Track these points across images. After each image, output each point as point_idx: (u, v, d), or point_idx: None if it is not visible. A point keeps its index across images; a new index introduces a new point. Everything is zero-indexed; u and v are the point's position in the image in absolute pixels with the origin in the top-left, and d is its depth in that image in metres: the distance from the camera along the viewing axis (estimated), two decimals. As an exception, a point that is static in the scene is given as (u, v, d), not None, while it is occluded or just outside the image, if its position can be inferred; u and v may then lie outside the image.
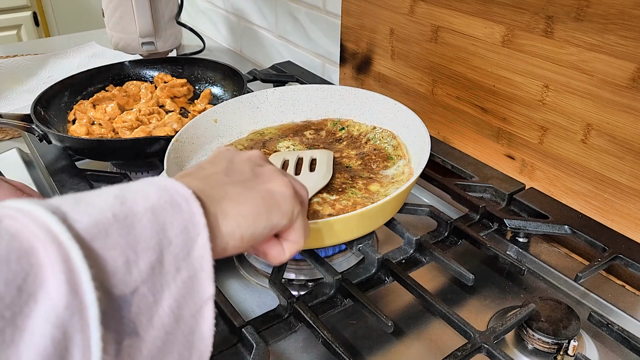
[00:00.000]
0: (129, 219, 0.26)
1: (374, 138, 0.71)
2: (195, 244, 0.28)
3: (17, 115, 0.84)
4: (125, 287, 0.25)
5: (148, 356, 0.26)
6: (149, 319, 0.26)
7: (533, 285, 0.62)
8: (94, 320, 0.23)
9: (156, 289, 0.26)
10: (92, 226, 0.25)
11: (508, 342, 0.54)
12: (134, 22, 1.19)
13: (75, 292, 0.23)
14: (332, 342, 0.48)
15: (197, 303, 0.28)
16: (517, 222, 0.65)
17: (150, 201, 0.28)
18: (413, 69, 0.87)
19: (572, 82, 0.65)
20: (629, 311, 0.58)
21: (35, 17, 2.53)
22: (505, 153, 0.77)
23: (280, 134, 0.75)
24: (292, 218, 0.37)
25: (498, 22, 0.71)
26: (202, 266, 0.29)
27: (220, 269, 0.65)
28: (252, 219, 0.34)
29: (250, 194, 0.35)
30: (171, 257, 0.27)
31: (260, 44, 1.30)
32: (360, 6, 0.93)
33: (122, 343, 0.24)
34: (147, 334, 0.26)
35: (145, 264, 0.26)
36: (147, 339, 0.26)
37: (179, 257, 0.28)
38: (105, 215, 0.25)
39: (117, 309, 0.24)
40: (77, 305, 0.22)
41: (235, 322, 0.51)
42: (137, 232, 0.26)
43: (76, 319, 0.22)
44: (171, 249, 0.27)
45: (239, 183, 0.35)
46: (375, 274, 0.58)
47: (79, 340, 0.22)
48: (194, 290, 0.28)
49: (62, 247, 0.23)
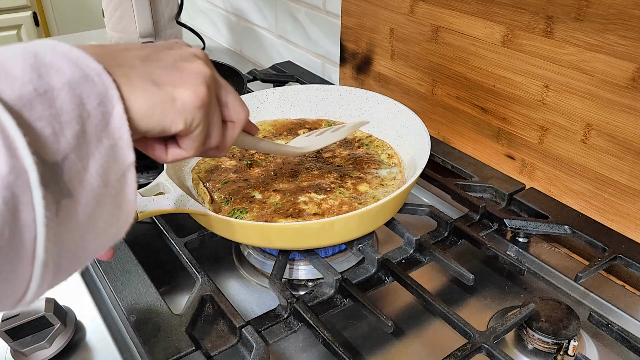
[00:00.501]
0: (48, 93, 0.28)
1: (369, 145, 0.72)
2: (111, 117, 0.31)
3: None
4: (57, 154, 0.27)
5: (82, 214, 0.29)
6: (80, 182, 0.29)
7: (533, 285, 0.62)
8: (34, 181, 0.25)
9: (82, 156, 0.29)
10: (17, 99, 0.26)
11: (508, 342, 0.54)
12: (134, 22, 1.19)
13: (16, 157, 0.25)
14: (332, 342, 0.48)
15: (120, 169, 0.31)
16: (517, 222, 0.65)
17: (66, 76, 0.29)
18: (413, 69, 0.87)
19: (572, 82, 0.65)
20: (629, 311, 0.58)
21: (35, 17, 2.53)
22: (505, 153, 0.77)
23: (274, 132, 0.75)
24: (189, 128, 0.37)
25: (498, 22, 0.71)
26: (121, 135, 0.31)
27: (220, 269, 0.65)
28: (143, 114, 0.34)
29: (150, 90, 0.34)
30: (92, 127, 0.29)
31: (260, 44, 1.30)
32: (360, 6, 0.93)
33: (59, 203, 0.27)
34: (81, 195, 0.29)
35: (71, 134, 0.28)
36: (81, 200, 0.29)
37: (99, 128, 0.30)
38: (28, 89, 0.27)
39: (52, 174, 0.27)
40: (19, 168, 0.25)
41: (235, 322, 0.51)
42: (58, 105, 0.28)
43: (20, 180, 0.25)
44: (91, 120, 0.29)
45: (146, 74, 0.35)
46: (375, 274, 0.58)
47: (25, 200, 0.25)
48: (116, 158, 0.31)
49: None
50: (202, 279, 0.56)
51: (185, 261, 0.59)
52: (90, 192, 0.29)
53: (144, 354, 0.48)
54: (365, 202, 0.60)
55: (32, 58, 0.29)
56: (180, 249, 0.60)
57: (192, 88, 0.36)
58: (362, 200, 0.60)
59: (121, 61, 0.34)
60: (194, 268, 0.58)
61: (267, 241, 0.55)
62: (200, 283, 0.55)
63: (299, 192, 0.61)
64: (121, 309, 0.52)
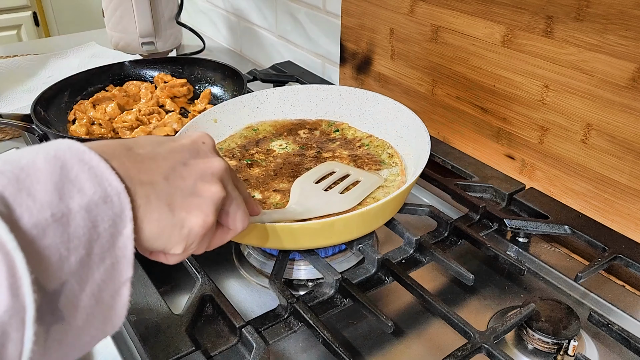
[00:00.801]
0: (64, 217, 0.28)
1: (369, 145, 0.72)
2: (120, 236, 0.30)
3: (17, 115, 0.84)
4: (57, 281, 0.27)
5: (71, 337, 0.29)
6: (74, 306, 0.28)
7: (533, 285, 0.62)
8: (30, 319, 0.25)
9: (82, 279, 0.28)
10: (32, 227, 0.26)
11: (508, 342, 0.54)
12: (134, 22, 1.19)
13: (17, 297, 0.24)
14: (332, 342, 0.48)
15: (116, 285, 0.31)
16: (517, 222, 0.65)
17: (86, 198, 0.29)
18: (413, 69, 0.87)
19: (572, 82, 0.65)
20: (629, 311, 0.58)
21: (35, 17, 2.53)
22: (505, 153, 0.77)
23: (274, 132, 0.75)
24: (186, 251, 0.38)
25: (498, 22, 0.71)
26: (125, 254, 0.31)
27: (220, 269, 0.65)
28: (150, 236, 0.34)
29: (164, 216, 0.35)
30: (98, 249, 0.29)
31: (260, 44, 1.30)
32: (360, 6, 0.93)
33: (49, 330, 0.27)
34: (72, 319, 0.28)
35: (76, 259, 0.28)
36: (72, 322, 0.28)
37: (105, 248, 0.30)
38: (45, 215, 0.27)
39: (49, 302, 0.27)
40: (17, 308, 0.24)
41: (235, 322, 0.51)
42: (70, 231, 0.28)
43: (14, 320, 0.24)
44: (99, 241, 0.29)
45: (165, 196, 0.35)
46: (375, 274, 0.58)
47: (14, 337, 0.24)
48: (115, 275, 0.30)
49: (9, 256, 0.25)
50: (202, 279, 0.56)
51: (185, 261, 0.59)
52: (82, 313, 0.29)
53: (144, 354, 0.48)
54: (365, 203, 0.60)
55: (58, 172, 0.29)
56: (180, 249, 0.60)
57: (202, 216, 0.37)
58: (362, 201, 0.60)
59: (145, 177, 0.34)
60: (194, 268, 0.58)
61: (267, 241, 0.55)
62: (200, 283, 0.55)
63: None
64: (121, 309, 0.52)
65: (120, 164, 0.33)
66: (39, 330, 0.26)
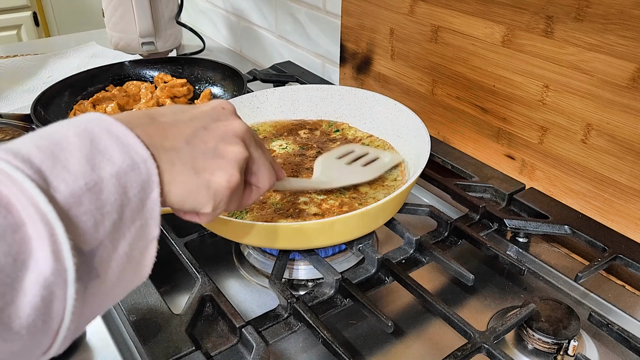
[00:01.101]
0: (97, 186, 0.30)
1: (369, 145, 0.72)
2: (148, 199, 0.33)
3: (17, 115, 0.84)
4: (93, 243, 0.30)
5: (105, 290, 0.31)
6: (108, 263, 0.31)
7: (533, 285, 0.62)
8: (70, 279, 0.28)
9: (115, 240, 0.31)
10: (69, 196, 0.29)
11: (508, 342, 0.54)
12: (134, 22, 1.19)
13: (59, 261, 0.27)
14: (332, 342, 0.48)
15: (144, 243, 0.33)
16: (517, 222, 0.65)
17: (116, 166, 0.31)
18: (413, 69, 0.87)
19: (572, 82, 0.65)
20: (629, 311, 0.58)
21: (35, 17, 2.53)
22: (505, 153, 0.77)
23: (275, 132, 0.75)
24: (216, 209, 0.39)
25: (498, 22, 0.71)
26: (152, 215, 0.33)
27: (220, 269, 0.65)
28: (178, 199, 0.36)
29: (189, 178, 0.37)
30: (129, 212, 0.32)
31: (260, 44, 1.30)
32: (360, 6, 0.93)
33: (87, 286, 0.30)
34: (107, 275, 0.31)
35: (109, 223, 0.31)
36: (106, 279, 0.31)
37: (135, 212, 0.32)
38: (79, 184, 0.29)
39: (86, 262, 0.29)
40: (59, 270, 0.28)
41: (235, 322, 0.51)
42: (104, 198, 0.30)
43: (58, 280, 0.28)
44: (129, 206, 0.32)
45: (189, 159, 0.37)
46: (375, 274, 0.58)
47: (59, 295, 0.28)
48: (144, 235, 0.33)
49: (49, 225, 0.27)
50: (202, 279, 0.56)
51: (185, 261, 0.59)
52: (115, 269, 0.32)
53: (144, 354, 0.48)
54: (365, 203, 0.60)
55: (88, 144, 0.31)
56: (180, 249, 0.60)
57: (226, 176, 0.39)
58: (363, 201, 0.60)
59: (169, 143, 0.36)
60: (194, 268, 0.58)
61: (267, 241, 0.55)
62: (200, 283, 0.55)
63: (299, 193, 0.61)
64: (121, 309, 0.52)
65: (145, 133, 0.34)
66: (79, 288, 0.29)
